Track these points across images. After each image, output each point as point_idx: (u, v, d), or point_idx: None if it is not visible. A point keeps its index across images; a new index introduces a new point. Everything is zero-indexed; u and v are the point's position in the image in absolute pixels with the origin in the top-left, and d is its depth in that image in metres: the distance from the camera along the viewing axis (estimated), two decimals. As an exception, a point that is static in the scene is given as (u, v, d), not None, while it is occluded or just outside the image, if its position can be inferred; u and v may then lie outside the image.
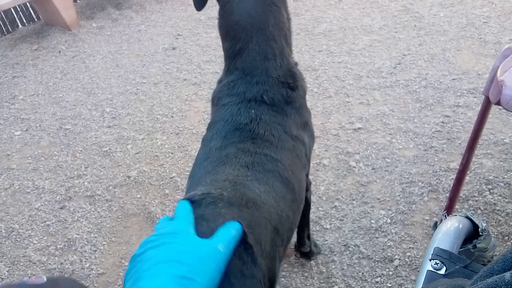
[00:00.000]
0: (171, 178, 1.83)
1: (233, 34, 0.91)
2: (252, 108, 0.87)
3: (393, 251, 1.36)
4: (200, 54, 2.80)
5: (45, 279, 0.46)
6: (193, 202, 0.64)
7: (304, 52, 2.61)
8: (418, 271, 1.08)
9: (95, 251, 1.55)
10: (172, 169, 1.88)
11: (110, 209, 1.72)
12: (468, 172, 1.34)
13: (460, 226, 0.61)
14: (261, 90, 0.88)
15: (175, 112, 2.27)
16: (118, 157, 1.99)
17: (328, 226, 1.48)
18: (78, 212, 1.72)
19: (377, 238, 1.41)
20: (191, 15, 3.38)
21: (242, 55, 0.91)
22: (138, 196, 1.75)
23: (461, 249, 0.61)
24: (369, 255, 1.36)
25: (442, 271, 0.53)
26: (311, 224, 1.35)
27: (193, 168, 0.87)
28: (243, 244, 0.58)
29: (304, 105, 0.97)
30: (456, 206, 1.38)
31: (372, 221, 1.47)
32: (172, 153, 1.98)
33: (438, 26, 2.58)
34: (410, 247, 1.36)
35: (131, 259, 0.52)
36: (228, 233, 0.55)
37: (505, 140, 1.65)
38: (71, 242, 1.59)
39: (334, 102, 2.12)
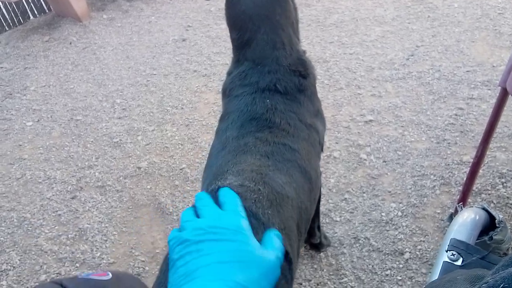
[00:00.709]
0: (181, 169, 1.83)
1: (240, 24, 0.91)
2: (266, 98, 0.86)
3: (403, 244, 1.35)
4: (210, 45, 2.79)
5: (110, 275, 0.45)
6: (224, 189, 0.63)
7: (315, 44, 2.58)
8: (433, 262, 1.07)
9: (106, 240, 1.56)
10: (182, 160, 1.88)
11: (121, 199, 1.73)
12: (482, 165, 1.31)
13: (477, 218, 0.60)
14: (274, 79, 0.88)
15: (185, 103, 2.27)
16: (128, 148, 2.00)
17: (338, 219, 1.47)
18: (89, 202, 1.73)
19: (387, 231, 1.40)
20: (201, 6, 3.36)
21: (251, 45, 0.90)
22: (148, 187, 1.76)
23: (477, 241, 0.60)
24: (379, 248, 1.35)
25: (459, 262, 0.52)
26: (321, 216, 1.34)
27: (209, 159, 0.87)
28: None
29: (315, 93, 0.97)
30: (469, 200, 1.36)
31: (383, 214, 1.45)
32: (182, 145, 1.98)
33: (453, 17, 2.52)
34: (421, 240, 1.35)
35: (180, 241, 0.47)
36: (277, 243, 0.52)
37: (520, 133, 1.62)
38: (82, 232, 1.61)
39: (345, 94, 2.10)
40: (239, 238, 0.47)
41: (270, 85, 0.87)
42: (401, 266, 1.30)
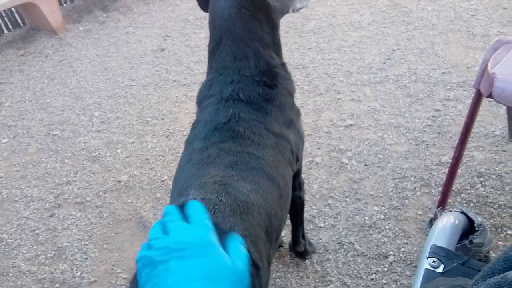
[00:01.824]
0: (162, 181, 1.80)
1: (210, 34, 0.94)
2: (230, 107, 0.87)
3: (387, 247, 1.35)
4: (189, 54, 2.78)
5: None
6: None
7: (294, 50, 2.59)
8: (415, 269, 1.07)
9: (86, 259, 1.52)
10: (163, 172, 1.85)
11: (101, 215, 1.69)
12: (460, 165, 1.33)
13: (456, 222, 0.60)
14: (236, 89, 0.88)
15: (165, 114, 2.24)
16: (107, 162, 1.96)
17: (322, 225, 1.47)
18: (68, 219, 1.69)
19: (371, 234, 1.40)
20: (179, 15, 3.35)
21: (215, 55, 0.93)
22: (129, 201, 1.73)
23: (458, 245, 0.60)
24: (363, 252, 1.35)
25: (440, 269, 0.52)
26: (305, 223, 1.34)
27: (176, 171, 0.86)
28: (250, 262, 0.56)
29: (288, 104, 0.96)
30: (449, 200, 1.37)
31: (366, 218, 1.46)
32: (163, 156, 1.95)
33: (427, 20, 2.58)
34: (404, 243, 1.36)
35: (147, 262, 0.45)
36: (243, 251, 0.51)
37: (495, 132, 1.65)
38: (62, 251, 1.56)
39: (325, 99, 2.11)
40: (207, 252, 0.46)
41: (233, 94, 0.88)
42: (385, 269, 1.30)
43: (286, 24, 2.86)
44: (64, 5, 3.74)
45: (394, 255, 1.33)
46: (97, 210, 1.71)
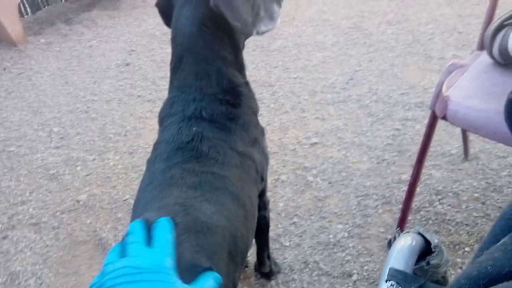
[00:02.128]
0: (124, 200, 1.74)
1: (172, 52, 0.92)
2: (193, 126, 0.85)
3: (351, 265, 1.37)
4: (155, 70, 2.74)
5: None
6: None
7: (261, 68, 2.63)
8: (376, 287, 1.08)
9: (41, 284, 1.43)
10: (126, 190, 1.80)
11: (57, 237, 1.60)
12: (419, 183, 1.38)
13: (413, 244, 0.62)
14: (199, 107, 0.87)
15: (128, 130, 2.19)
16: (66, 180, 1.88)
17: (287, 244, 1.47)
18: (21, 242, 1.59)
19: (335, 253, 1.41)
20: (145, 30, 3.32)
21: (176, 73, 0.91)
22: (88, 221, 1.66)
23: (416, 266, 0.61)
24: (328, 271, 1.36)
25: (398, 293, 0.53)
26: (270, 242, 1.33)
27: (138, 193, 0.83)
28: None
29: (252, 123, 0.96)
30: (409, 218, 1.42)
31: (331, 236, 1.47)
32: (125, 174, 1.90)
33: (386, 43, 2.69)
34: (367, 261, 1.38)
35: None
36: (211, 285, 0.50)
37: (451, 151, 1.73)
38: (14, 276, 1.46)
39: (290, 117, 2.14)
40: (159, 278, 0.45)
41: (196, 112, 0.86)
42: (350, 288, 1.31)
43: (253, 43, 2.90)
44: (25, 16, 3.61)
45: (357, 274, 1.34)
46: (53, 231, 1.63)
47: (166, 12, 0.97)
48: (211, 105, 0.88)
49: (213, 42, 0.90)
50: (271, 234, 1.45)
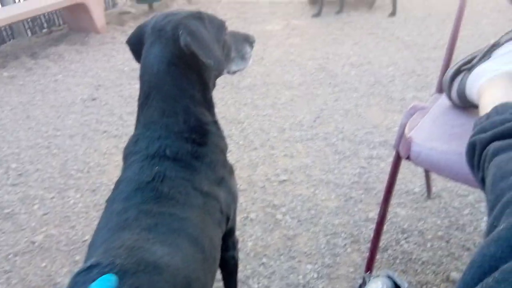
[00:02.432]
0: (83, 241, 1.65)
1: (140, 89, 0.92)
2: (155, 165, 0.83)
3: (321, 307, 1.34)
4: (122, 105, 2.71)
5: None
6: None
7: (230, 105, 2.65)
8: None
9: (-16, 336, 1.30)
10: (86, 231, 1.71)
11: (9, 281, 1.48)
12: (385, 223, 1.40)
13: (383, 288, 0.61)
14: (163, 145, 0.85)
15: (92, 166, 2.12)
16: (22, 219, 1.77)
17: (256, 286, 1.42)
18: (-35, 289, 1.45)
19: (305, 294, 1.38)
20: (114, 65, 3.30)
21: (143, 110, 0.90)
22: (43, 265, 1.54)
23: (385, 311, 0.61)
24: (298, 314, 1.32)
25: None
26: (239, 284, 1.28)
27: (93, 237, 0.79)
28: None
29: (219, 161, 0.95)
30: (377, 256, 1.42)
31: (300, 277, 1.44)
32: (86, 213, 1.81)
33: (350, 84, 2.81)
34: (337, 302, 1.35)
35: None
36: None
37: (415, 190, 1.78)
38: (-47, 328, 1.32)
39: (260, 154, 2.15)
40: None
41: (159, 151, 0.85)
42: (320, 331, 1.27)
43: (223, 80, 2.94)
44: (-13, 48, 3.52)
45: (327, 315, 1.31)
46: (5, 275, 1.50)
47: (136, 49, 0.97)
48: (176, 143, 0.86)
49: (181, 81, 0.90)
50: (240, 275, 1.40)
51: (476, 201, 1.66)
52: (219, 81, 2.92)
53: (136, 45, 0.97)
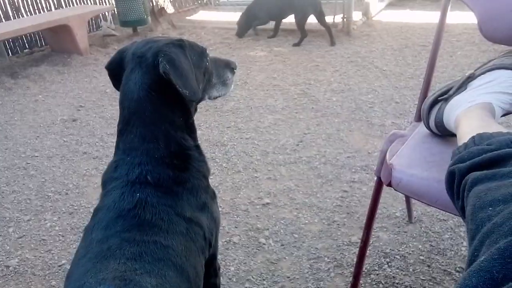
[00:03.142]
0: (60, 266, 1.59)
1: (120, 114, 0.92)
2: (136, 192, 0.82)
3: (305, 333, 1.32)
4: (104, 126, 2.68)
5: None
6: None
7: (214, 128, 2.66)
8: None
9: None
10: (62, 255, 1.65)
11: (-23, 310, 1.41)
12: (368, 247, 1.41)
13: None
14: (144, 171, 0.84)
15: (70, 188, 2.07)
16: (-6, 243, 1.70)
17: (238, 312, 1.40)
18: None
19: (288, 320, 1.36)
20: (96, 87, 3.28)
21: (123, 135, 0.90)
22: (17, 291, 1.48)
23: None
24: None
25: None
26: (220, 311, 1.26)
27: (71, 267, 0.76)
28: None
29: (201, 187, 0.94)
30: (360, 281, 1.42)
31: (283, 302, 1.42)
32: (63, 236, 1.75)
33: (332, 109, 2.87)
34: (321, 328, 1.34)
35: None
36: None
37: (396, 214, 1.80)
38: None
39: (243, 177, 2.15)
40: None
41: (141, 177, 0.84)
42: None
43: (206, 103, 2.96)
44: (-35, 66, 3.45)
45: None
46: (-28, 304, 1.43)
47: (116, 75, 0.97)
48: (158, 168, 0.86)
49: (161, 106, 0.90)
50: (222, 302, 1.37)
51: (456, 226, 1.69)
52: (202, 104, 2.93)
53: (115, 70, 0.97)
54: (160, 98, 0.89)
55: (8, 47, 4.40)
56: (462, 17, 4.16)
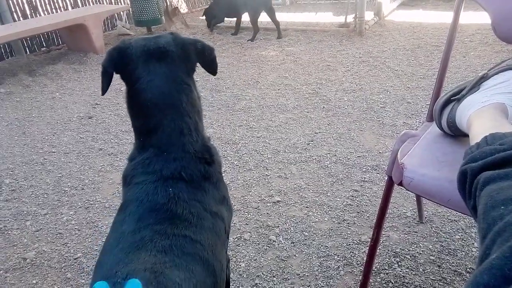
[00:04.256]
0: (75, 259, 1.64)
1: (145, 112, 0.90)
2: (169, 186, 0.84)
3: (314, 329, 1.34)
4: (118, 123, 2.73)
5: None
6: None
7: (225, 126, 2.69)
8: None
9: None
10: (78, 248, 1.70)
11: (-3, 299, 1.46)
12: (378, 247, 1.42)
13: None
14: (178, 167, 0.86)
15: (86, 184, 2.12)
16: (14, 235, 1.75)
17: (249, 307, 1.42)
18: (-47, 305, 1.43)
19: (298, 316, 1.38)
20: (111, 84, 3.33)
21: (157, 132, 0.89)
22: (34, 281, 1.53)
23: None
24: (291, 336, 1.32)
25: None
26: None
27: (101, 256, 0.78)
28: None
29: (221, 179, 0.97)
30: (370, 280, 1.43)
31: (293, 299, 1.44)
32: (79, 230, 1.80)
33: (343, 108, 2.88)
34: (330, 324, 1.35)
35: None
36: None
37: (407, 214, 1.81)
38: None
39: (254, 175, 2.17)
40: None
41: (175, 173, 0.85)
42: None
43: (219, 102, 2.99)
44: (-15, 64, 3.54)
45: (320, 338, 1.31)
46: (-8, 293, 1.48)
47: (111, 74, 0.94)
48: (191, 164, 0.88)
49: (193, 98, 0.93)
50: (233, 296, 1.40)
51: (467, 227, 1.69)
52: (215, 102, 2.97)
53: (117, 70, 0.94)
54: (190, 90, 0.92)
55: (26, 45, 4.50)
56: (476, 17, 4.12)
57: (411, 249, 1.61)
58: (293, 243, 1.70)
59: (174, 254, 0.73)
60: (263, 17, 4.81)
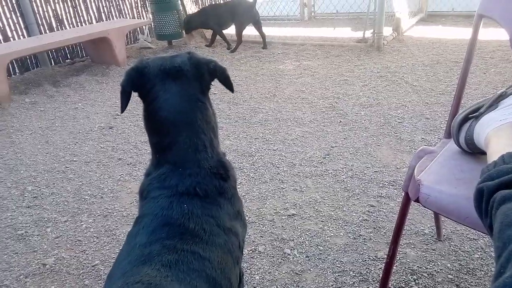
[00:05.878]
0: (93, 266, 1.67)
1: (161, 129, 0.92)
2: (184, 202, 0.85)
3: None
4: (138, 134, 2.79)
5: None
6: None
7: (242, 139, 2.72)
8: None
9: None
10: (96, 255, 1.73)
11: (17, 303, 1.50)
12: (394, 263, 1.40)
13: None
14: (194, 183, 0.88)
15: (105, 192, 2.16)
16: (34, 241, 1.80)
17: (262, 320, 1.42)
18: (-25, 308, 1.47)
19: (312, 332, 1.37)
20: (132, 96, 3.42)
21: (172, 149, 0.91)
22: (53, 287, 1.56)
23: None
24: None
25: None
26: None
27: (113, 267, 0.80)
28: None
29: (236, 195, 0.98)
30: (386, 296, 1.41)
31: (307, 313, 1.43)
32: (97, 238, 1.84)
33: (360, 123, 2.87)
34: None
35: None
36: None
37: (425, 231, 1.78)
38: None
39: (269, 188, 2.18)
40: None
41: (190, 188, 0.87)
42: None
43: (236, 115, 3.02)
44: (13, 76, 3.68)
45: None
46: (13, 297, 1.52)
47: (130, 92, 0.97)
48: (206, 180, 0.89)
49: (207, 115, 0.96)
50: (247, 309, 1.40)
51: (487, 246, 1.65)
52: (232, 115, 3.01)
53: (135, 88, 0.97)
54: (205, 107, 0.95)
55: (51, 57, 4.67)
56: (497, 34, 4.08)
57: (428, 267, 1.58)
58: (308, 257, 1.69)
59: (179, 269, 0.73)
60: (282, 32, 4.86)
